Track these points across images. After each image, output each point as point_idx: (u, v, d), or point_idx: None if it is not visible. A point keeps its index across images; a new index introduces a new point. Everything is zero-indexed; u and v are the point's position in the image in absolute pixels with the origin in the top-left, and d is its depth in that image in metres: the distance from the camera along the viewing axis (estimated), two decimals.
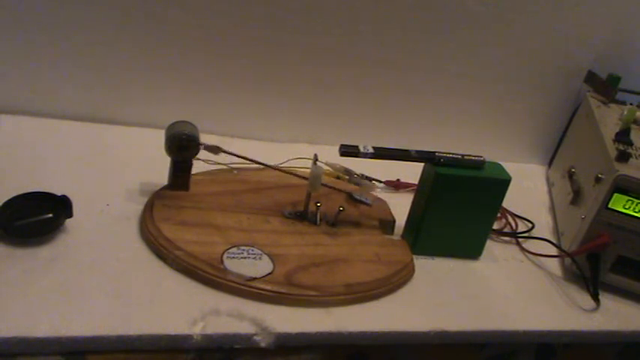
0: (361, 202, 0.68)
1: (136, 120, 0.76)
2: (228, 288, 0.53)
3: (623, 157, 0.64)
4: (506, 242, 0.73)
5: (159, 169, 0.62)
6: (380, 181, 0.76)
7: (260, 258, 0.56)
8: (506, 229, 0.75)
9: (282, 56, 0.77)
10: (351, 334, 0.53)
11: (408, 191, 0.76)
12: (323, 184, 0.65)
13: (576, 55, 0.86)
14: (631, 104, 0.83)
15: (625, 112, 0.76)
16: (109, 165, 0.67)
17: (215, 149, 0.61)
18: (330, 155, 0.67)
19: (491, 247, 0.70)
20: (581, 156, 0.78)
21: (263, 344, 0.50)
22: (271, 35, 0.75)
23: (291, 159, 0.69)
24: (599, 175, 0.65)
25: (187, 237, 0.56)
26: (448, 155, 0.62)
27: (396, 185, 0.77)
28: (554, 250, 0.71)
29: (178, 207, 0.60)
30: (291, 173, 0.66)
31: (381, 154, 0.61)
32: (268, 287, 0.53)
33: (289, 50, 0.76)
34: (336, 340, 0.53)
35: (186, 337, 0.48)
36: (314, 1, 0.73)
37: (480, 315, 0.59)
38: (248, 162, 0.64)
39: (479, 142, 0.85)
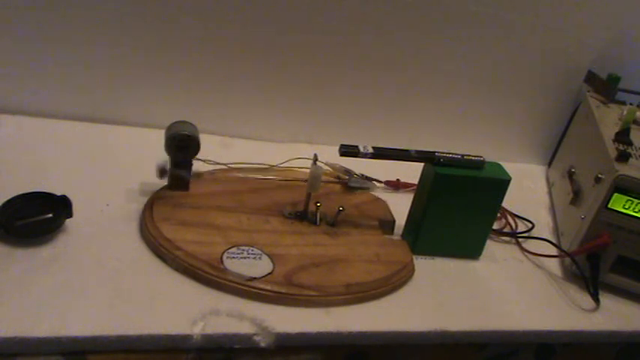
0: (359, 188, 0.67)
1: (136, 120, 0.76)
2: (228, 288, 0.53)
3: (623, 157, 0.64)
4: (506, 242, 0.73)
5: None
6: (380, 181, 0.77)
7: (260, 258, 0.56)
8: (506, 229, 0.74)
9: (282, 56, 0.77)
10: (351, 334, 0.53)
11: (408, 191, 0.76)
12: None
13: (576, 55, 0.86)
14: (631, 104, 0.83)
15: (625, 112, 0.76)
16: (109, 165, 0.67)
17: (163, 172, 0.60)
18: (330, 155, 0.67)
19: (491, 247, 0.70)
20: (581, 156, 0.78)
21: (263, 344, 0.50)
22: (271, 35, 0.75)
23: (291, 159, 0.69)
24: (599, 175, 0.65)
25: (187, 237, 0.56)
26: (448, 155, 0.62)
27: (396, 185, 0.77)
28: (554, 250, 0.71)
29: (178, 207, 0.60)
30: (291, 176, 0.66)
31: (380, 154, 0.61)
32: (268, 287, 0.53)
33: (289, 50, 0.76)
34: (336, 340, 0.53)
35: (186, 337, 0.48)
36: (314, 1, 0.73)
37: (480, 315, 0.59)
38: (248, 162, 0.64)
39: (479, 142, 0.85)
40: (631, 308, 0.66)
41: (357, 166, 0.74)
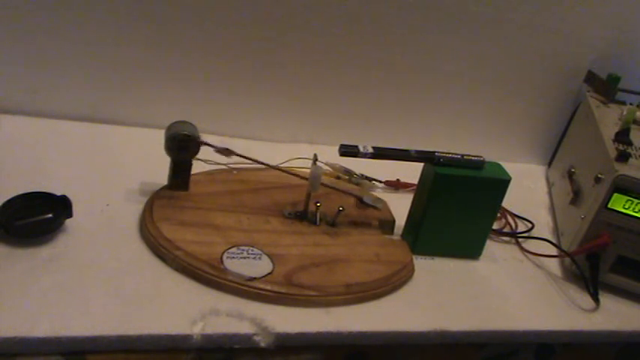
0: (372, 206, 0.67)
1: (136, 120, 0.76)
2: (228, 288, 0.53)
3: (623, 157, 0.64)
4: (506, 242, 0.73)
5: (159, 169, 0.62)
6: (380, 181, 0.77)
7: (260, 258, 0.56)
8: (506, 229, 0.75)
9: (282, 56, 0.77)
10: (350, 334, 0.53)
11: (408, 191, 0.76)
12: (334, 189, 0.65)
13: (576, 55, 0.86)
14: (631, 104, 0.83)
15: (625, 112, 0.76)
16: (109, 165, 0.67)
17: (226, 152, 0.61)
18: (330, 155, 0.67)
19: (491, 247, 0.70)
20: (581, 156, 0.78)
21: (263, 344, 0.50)
22: (271, 35, 0.75)
23: (291, 159, 0.69)
24: (599, 175, 0.65)
25: (187, 237, 0.56)
26: (448, 155, 0.62)
27: (396, 185, 0.77)
28: (554, 250, 0.71)
29: (178, 207, 0.60)
30: (291, 173, 0.66)
31: (380, 154, 0.61)
32: (268, 287, 0.53)
33: (289, 50, 0.76)
34: (335, 340, 0.53)
35: (186, 337, 0.48)
36: (314, 1, 0.73)
37: (480, 315, 0.59)
38: (248, 162, 0.64)
39: (479, 142, 0.85)
40: (631, 308, 0.66)
41: (357, 166, 0.74)
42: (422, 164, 0.63)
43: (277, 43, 0.75)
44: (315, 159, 0.61)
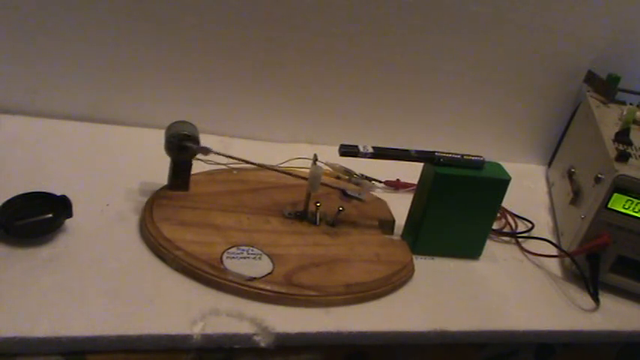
0: (354, 197, 0.68)
1: (136, 120, 0.76)
2: (228, 288, 0.53)
3: (623, 157, 0.64)
4: (506, 242, 0.73)
5: (159, 169, 0.62)
6: (380, 181, 0.77)
7: (260, 258, 0.56)
8: (506, 229, 0.75)
9: (282, 56, 0.77)
10: (350, 334, 0.53)
11: (408, 191, 0.76)
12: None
13: (576, 55, 0.86)
14: (631, 104, 0.83)
15: (625, 112, 0.76)
16: (109, 165, 0.68)
17: (205, 151, 0.60)
18: (330, 155, 0.67)
19: (491, 247, 0.70)
20: (581, 156, 0.78)
21: (263, 344, 0.50)
22: (271, 35, 0.75)
23: (291, 159, 0.69)
24: (599, 175, 0.65)
25: (187, 237, 0.56)
26: (448, 155, 0.62)
27: (395, 185, 0.77)
28: (554, 250, 0.71)
29: (178, 207, 0.60)
30: (290, 173, 0.66)
31: (380, 154, 0.61)
32: (268, 287, 0.53)
33: (289, 50, 0.76)
34: (335, 340, 0.53)
35: (186, 337, 0.48)
36: (314, 1, 0.73)
37: (480, 315, 0.59)
38: (248, 162, 0.64)
39: (479, 142, 0.85)
40: (631, 308, 0.66)
41: (357, 166, 0.74)
42: (422, 164, 0.63)
43: (277, 43, 0.75)
44: (315, 159, 0.61)
